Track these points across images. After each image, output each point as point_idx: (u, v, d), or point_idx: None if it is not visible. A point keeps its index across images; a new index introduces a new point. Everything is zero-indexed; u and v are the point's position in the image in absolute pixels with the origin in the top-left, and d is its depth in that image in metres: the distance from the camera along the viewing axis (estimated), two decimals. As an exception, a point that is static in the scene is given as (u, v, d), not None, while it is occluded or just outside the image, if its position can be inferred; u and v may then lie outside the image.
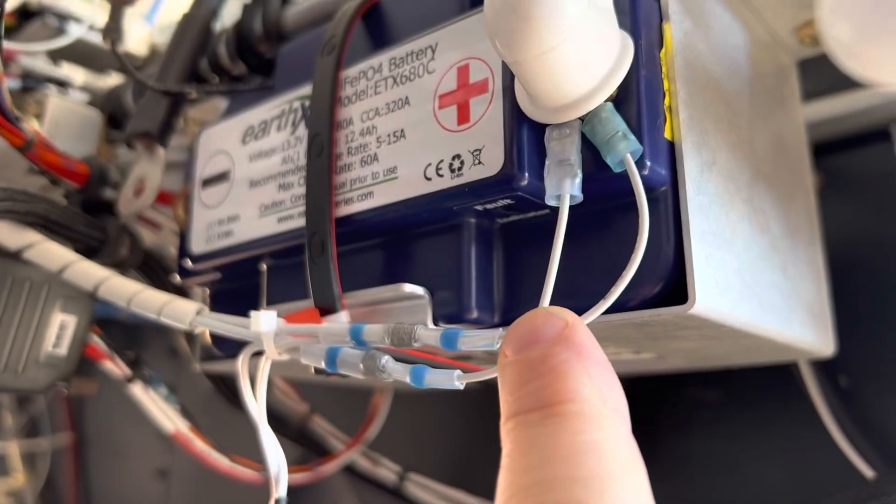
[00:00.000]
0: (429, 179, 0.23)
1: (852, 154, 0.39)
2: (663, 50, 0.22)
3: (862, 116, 0.38)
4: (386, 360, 0.21)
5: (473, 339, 0.20)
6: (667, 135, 0.21)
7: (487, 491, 0.44)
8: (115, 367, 0.35)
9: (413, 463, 0.46)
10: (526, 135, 0.21)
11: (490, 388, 0.21)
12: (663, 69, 0.22)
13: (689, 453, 0.41)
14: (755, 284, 0.24)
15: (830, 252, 0.34)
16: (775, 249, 0.26)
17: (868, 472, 0.35)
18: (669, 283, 0.21)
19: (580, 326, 0.17)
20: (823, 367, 0.36)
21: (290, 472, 0.42)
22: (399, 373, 0.21)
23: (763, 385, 0.39)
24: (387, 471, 0.45)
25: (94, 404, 0.76)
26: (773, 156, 0.28)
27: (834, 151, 0.39)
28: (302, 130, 0.27)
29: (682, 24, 0.23)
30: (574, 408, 0.16)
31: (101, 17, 0.44)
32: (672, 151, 0.22)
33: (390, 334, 0.21)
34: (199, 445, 0.38)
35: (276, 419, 0.45)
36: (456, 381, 0.20)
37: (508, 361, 0.18)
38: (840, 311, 0.34)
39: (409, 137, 0.24)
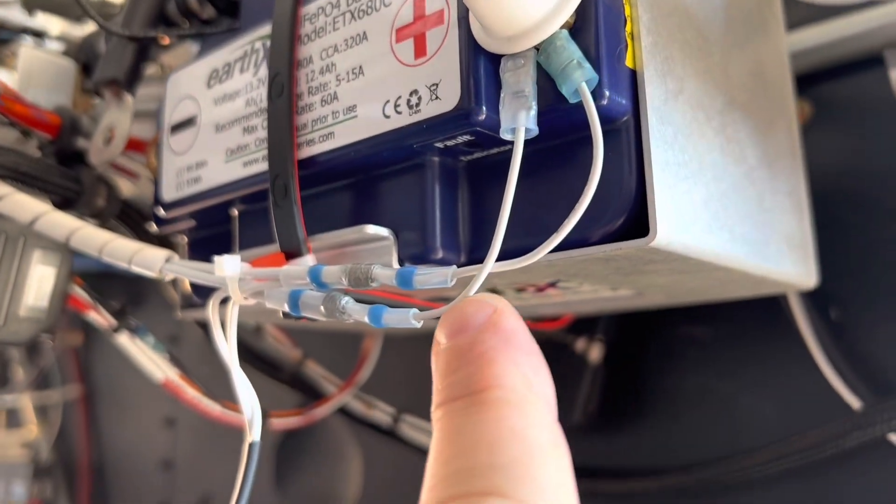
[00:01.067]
0: (387, 117, 0.22)
1: (843, 82, 0.38)
2: (624, -26, 0.21)
3: (853, 42, 0.36)
4: (346, 300, 0.21)
5: (427, 277, 0.19)
6: (628, 63, 0.21)
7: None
8: (99, 317, 0.35)
9: (406, 405, 0.47)
10: (483, 67, 0.21)
11: None
12: (624, -6, 0.21)
13: (677, 389, 0.41)
14: (726, 216, 0.24)
15: (819, 183, 0.33)
16: (750, 180, 0.26)
17: (855, 403, 0.34)
18: (632, 216, 0.21)
19: (508, 312, 0.18)
20: (813, 300, 0.36)
21: (284, 415, 0.43)
22: (358, 313, 0.21)
23: (752, 319, 0.38)
24: (381, 413, 0.46)
25: (100, 357, 0.77)
26: (750, 84, 0.27)
27: (824, 80, 0.38)
28: (264, 71, 0.26)
29: (645, -55, 0.22)
30: (499, 394, 0.16)
31: (75, -37, 0.43)
32: (634, 80, 0.21)
33: (348, 274, 0.21)
34: (190, 392, 0.38)
35: (270, 365, 0.46)
36: (412, 318, 0.20)
37: (440, 349, 0.18)
38: (830, 242, 0.33)
39: (367, 74, 0.23)
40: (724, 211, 0.24)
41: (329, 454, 0.57)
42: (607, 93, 0.20)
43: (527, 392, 0.17)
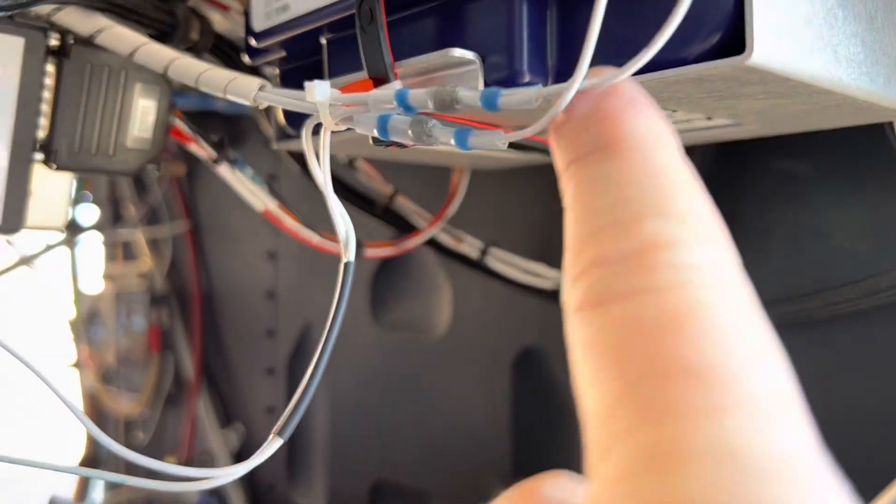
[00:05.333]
0: (473, -67, 0.22)
1: None
2: None
3: None
4: (433, 123, 0.21)
5: (512, 97, 0.19)
6: None
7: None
8: (200, 149, 0.36)
9: (494, 238, 0.48)
10: None
11: None
12: None
13: (772, 224, 0.40)
14: (831, 35, 0.22)
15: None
16: (861, -4, 0.24)
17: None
18: (729, 33, 0.20)
19: (629, 80, 0.18)
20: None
21: (376, 246, 0.45)
22: (444, 135, 0.21)
23: (852, 151, 0.37)
24: (469, 246, 0.47)
25: (204, 193, 0.81)
26: None
27: None
28: None
29: None
30: (636, 142, 0.16)
31: None
32: None
33: (433, 96, 0.21)
34: (289, 222, 0.40)
35: (363, 199, 0.47)
36: (498, 140, 0.20)
37: (560, 120, 0.18)
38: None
39: None
40: (829, 29, 0.22)
41: (420, 285, 0.59)
42: None
43: (659, 138, 0.17)
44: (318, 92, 0.23)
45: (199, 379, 0.81)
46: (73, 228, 0.91)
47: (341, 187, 0.47)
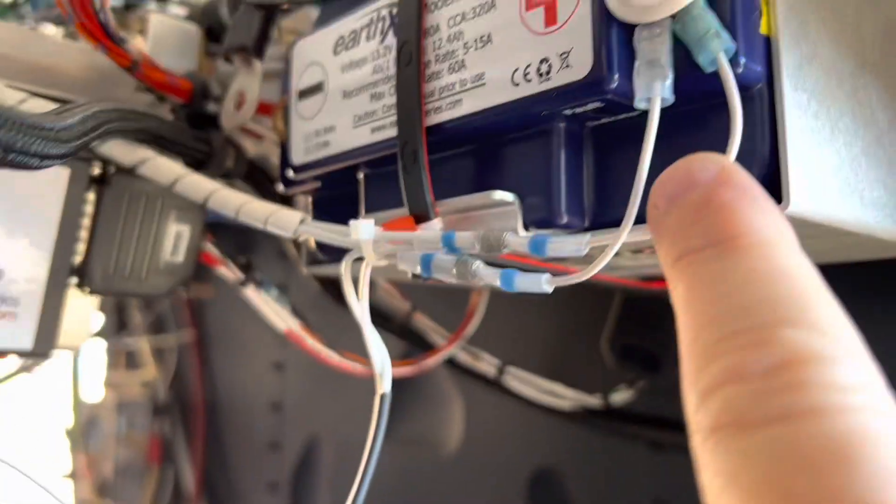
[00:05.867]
0: (516, 85, 0.23)
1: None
2: (760, -62, 0.21)
3: None
4: (478, 265, 0.22)
5: (562, 245, 0.20)
6: (763, 30, 0.21)
7: (584, 384, 0.45)
8: (228, 271, 0.37)
9: (512, 357, 0.48)
10: (615, 35, 0.21)
11: (584, 286, 0.22)
12: (760, -42, 0.21)
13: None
14: (856, 181, 0.23)
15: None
16: (881, 143, 0.25)
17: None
18: (765, 182, 0.21)
19: (737, 168, 0.17)
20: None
21: (395, 365, 0.45)
22: (490, 277, 0.22)
23: (870, 282, 0.38)
24: (487, 364, 0.47)
25: (211, 304, 0.81)
26: (882, 42, 0.26)
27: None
28: (391, 39, 0.27)
29: None
30: (754, 239, 0.15)
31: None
32: (768, 47, 0.21)
33: (480, 241, 0.22)
34: (310, 342, 0.40)
35: (381, 316, 0.47)
36: (545, 284, 0.21)
37: (664, 211, 0.17)
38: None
39: (495, 42, 0.24)
40: (855, 176, 0.23)
41: (433, 401, 0.59)
42: (743, 60, 0.20)
43: (781, 236, 0.15)
44: (363, 231, 0.24)
45: (200, 493, 0.79)
46: (78, 335, 0.91)
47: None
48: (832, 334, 0.14)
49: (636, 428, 0.45)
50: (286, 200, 0.36)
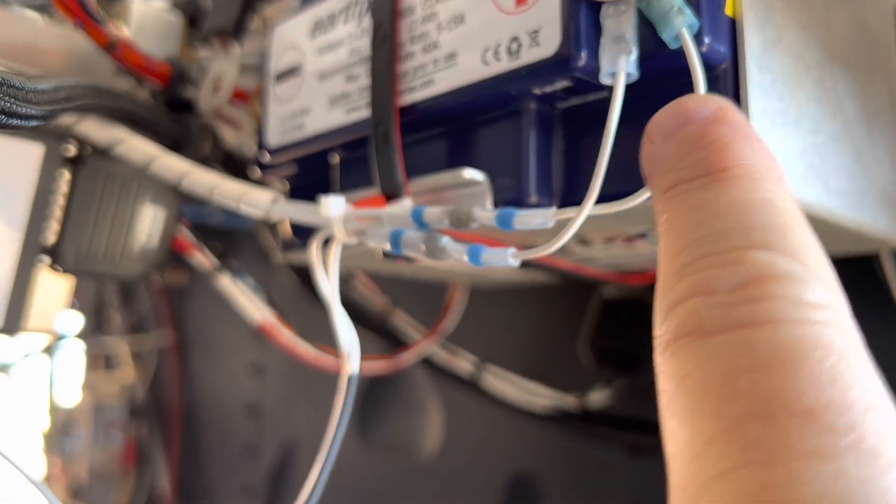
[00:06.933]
0: (487, 64, 0.23)
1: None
2: (727, -79, 0.21)
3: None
4: (446, 240, 0.22)
5: (528, 218, 0.20)
6: (728, 10, 0.21)
7: (563, 383, 0.45)
8: (202, 258, 0.37)
9: (490, 356, 0.48)
10: (583, 13, 0.21)
11: (564, 282, 0.22)
12: (727, -59, 0.21)
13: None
14: (821, 167, 0.24)
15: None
16: (848, 133, 0.25)
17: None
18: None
19: (734, 108, 0.17)
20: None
21: (371, 359, 0.45)
22: (458, 252, 0.22)
23: (842, 279, 0.38)
24: (464, 362, 0.47)
25: (191, 304, 0.81)
26: (852, 39, 0.27)
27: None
28: (367, 22, 0.27)
29: None
30: (741, 171, 0.16)
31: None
32: (733, 28, 0.21)
33: (449, 215, 0.22)
34: (286, 335, 0.40)
35: (359, 312, 0.48)
36: (510, 258, 0.21)
37: (658, 145, 0.17)
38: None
39: (468, 22, 0.24)
40: (820, 163, 0.24)
41: (411, 404, 0.59)
42: (707, 39, 0.20)
43: (768, 171, 0.16)
44: (333, 206, 0.24)
45: (175, 497, 0.78)
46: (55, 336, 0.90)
47: (337, 301, 0.48)
48: (804, 260, 0.14)
49: (615, 431, 0.45)
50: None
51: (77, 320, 0.92)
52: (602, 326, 0.45)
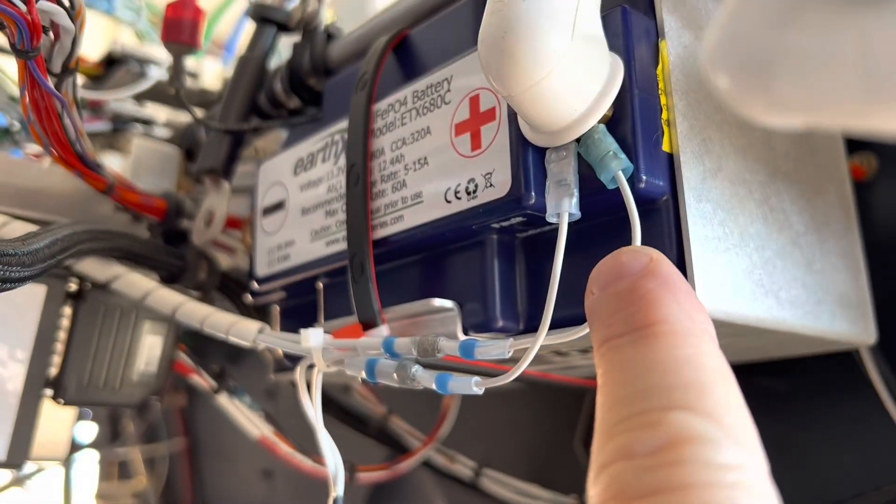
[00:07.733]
0: (449, 202, 0.25)
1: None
2: (660, 66, 0.23)
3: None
4: (416, 369, 0.24)
5: (487, 349, 0.22)
6: (665, 147, 0.23)
7: (561, 485, 0.46)
8: (201, 380, 0.38)
9: (488, 458, 0.48)
10: (531, 158, 0.23)
11: (556, 387, 0.23)
12: (660, 85, 0.23)
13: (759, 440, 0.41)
14: (771, 282, 0.25)
15: (890, 236, 0.33)
16: (797, 245, 0.27)
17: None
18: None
19: (664, 260, 0.19)
20: (885, 354, 0.36)
21: (371, 470, 0.45)
22: (426, 380, 0.23)
23: (825, 372, 0.39)
24: (463, 466, 0.47)
25: (203, 412, 0.82)
26: (795, 152, 0.28)
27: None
28: (343, 161, 0.29)
29: (680, 39, 0.24)
30: (666, 328, 0.17)
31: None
32: (671, 164, 0.23)
33: (417, 346, 0.23)
34: (284, 448, 0.41)
35: (358, 419, 0.48)
36: (474, 386, 0.22)
37: (596, 297, 0.19)
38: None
39: (431, 164, 0.26)
40: (769, 277, 0.25)
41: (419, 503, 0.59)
42: (644, 177, 0.22)
43: (692, 326, 0.17)
44: (313, 339, 0.26)
45: None
46: (71, 446, 0.91)
47: (337, 409, 0.49)
48: (720, 419, 0.15)
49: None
50: (261, 310, 0.38)
51: (92, 430, 0.92)
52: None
